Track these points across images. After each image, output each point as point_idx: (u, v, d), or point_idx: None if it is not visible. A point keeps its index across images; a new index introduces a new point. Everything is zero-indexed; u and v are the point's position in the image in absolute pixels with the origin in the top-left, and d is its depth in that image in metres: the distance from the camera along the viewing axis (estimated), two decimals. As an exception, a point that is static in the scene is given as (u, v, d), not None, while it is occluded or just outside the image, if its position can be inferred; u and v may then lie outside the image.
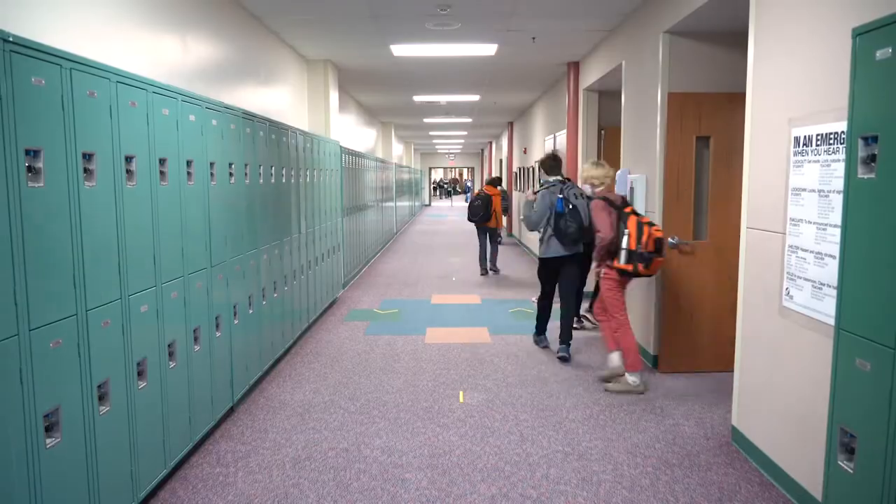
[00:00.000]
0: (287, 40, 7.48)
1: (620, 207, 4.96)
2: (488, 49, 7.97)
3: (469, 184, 37.50)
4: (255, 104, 6.37)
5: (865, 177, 2.32)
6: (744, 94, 3.92)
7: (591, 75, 7.95)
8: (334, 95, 8.98)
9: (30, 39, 2.32)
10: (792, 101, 3.35)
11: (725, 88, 5.13)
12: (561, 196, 5.69)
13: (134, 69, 3.73)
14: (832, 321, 2.69)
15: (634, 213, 4.97)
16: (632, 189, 5.90)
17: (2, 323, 2.18)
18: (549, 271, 5.95)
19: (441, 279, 10.37)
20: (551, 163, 6.06)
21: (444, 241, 16.43)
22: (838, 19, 2.93)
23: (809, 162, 3.14)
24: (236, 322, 4.43)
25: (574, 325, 6.26)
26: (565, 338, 5.78)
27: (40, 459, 2.36)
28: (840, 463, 2.44)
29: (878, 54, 2.22)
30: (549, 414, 4.50)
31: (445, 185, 48.81)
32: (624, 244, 4.82)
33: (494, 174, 23.32)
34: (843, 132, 2.85)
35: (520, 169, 15.64)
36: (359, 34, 7.19)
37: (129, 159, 3.01)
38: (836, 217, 2.87)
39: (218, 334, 4.10)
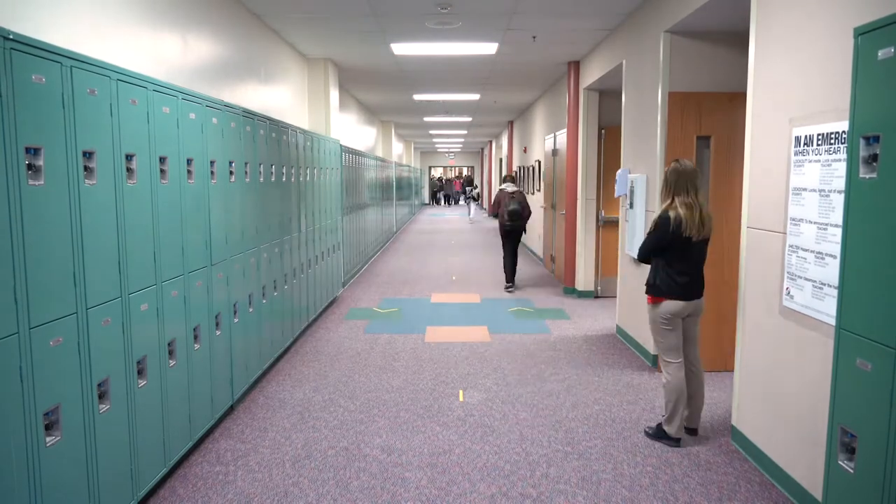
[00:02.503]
0: (287, 38, 7.47)
1: None
2: (489, 48, 7.96)
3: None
4: (256, 102, 6.37)
5: (867, 177, 2.32)
6: (744, 94, 3.92)
7: (592, 74, 7.95)
8: (334, 94, 8.97)
9: (30, 37, 2.32)
10: (793, 101, 3.35)
11: (726, 88, 5.13)
12: None
13: (134, 67, 3.73)
14: (833, 321, 2.69)
15: None
16: (632, 188, 5.90)
17: (2, 321, 2.18)
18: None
19: (441, 278, 10.37)
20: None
21: (444, 240, 16.42)
22: (840, 19, 2.93)
23: (810, 161, 3.14)
24: (236, 320, 4.43)
25: None
26: None
27: (40, 458, 2.36)
28: (840, 463, 2.44)
29: (880, 54, 2.22)
30: (549, 413, 4.50)
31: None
32: None
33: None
34: (843, 132, 2.85)
35: (520, 168, 15.64)
36: (359, 32, 7.18)
37: (129, 157, 3.01)
38: (837, 217, 2.87)
39: (218, 333, 4.10)
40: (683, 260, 3.86)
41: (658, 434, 4.01)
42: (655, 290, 3.93)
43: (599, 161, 8.46)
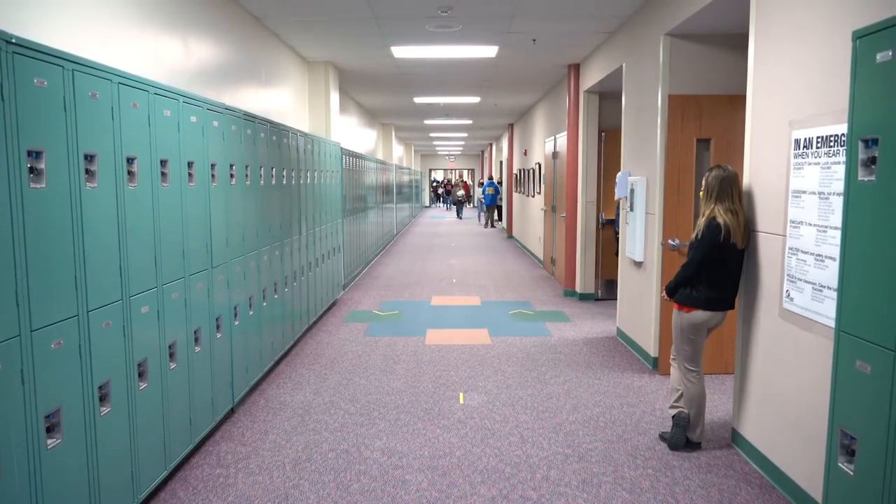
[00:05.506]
0: (288, 41, 7.49)
1: None
2: (489, 51, 7.97)
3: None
4: (256, 105, 6.38)
5: (866, 179, 2.32)
6: (744, 97, 3.92)
7: (592, 77, 7.96)
8: (335, 97, 8.98)
9: (32, 41, 2.33)
10: (792, 104, 3.35)
11: (726, 91, 5.14)
12: None
13: (136, 70, 3.74)
14: (832, 323, 2.69)
15: None
16: (632, 191, 5.91)
17: (3, 324, 2.18)
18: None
19: (441, 281, 10.37)
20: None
21: (444, 243, 16.43)
22: (839, 22, 2.94)
23: (810, 164, 3.14)
24: (237, 323, 4.44)
25: None
26: None
27: (41, 460, 2.36)
28: (840, 465, 2.44)
29: (879, 57, 2.23)
30: (550, 415, 4.50)
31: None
32: None
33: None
34: (843, 135, 2.85)
35: (520, 171, 15.65)
36: (359, 35, 7.20)
37: (130, 160, 3.01)
38: (837, 219, 2.87)
39: (218, 335, 4.10)
40: (722, 269, 3.73)
41: (677, 443, 3.91)
42: (691, 300, 3.78)
43: (599, 164, 8.47)
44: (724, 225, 3.65)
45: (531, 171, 13.50)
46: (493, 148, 25.31)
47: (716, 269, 3.74)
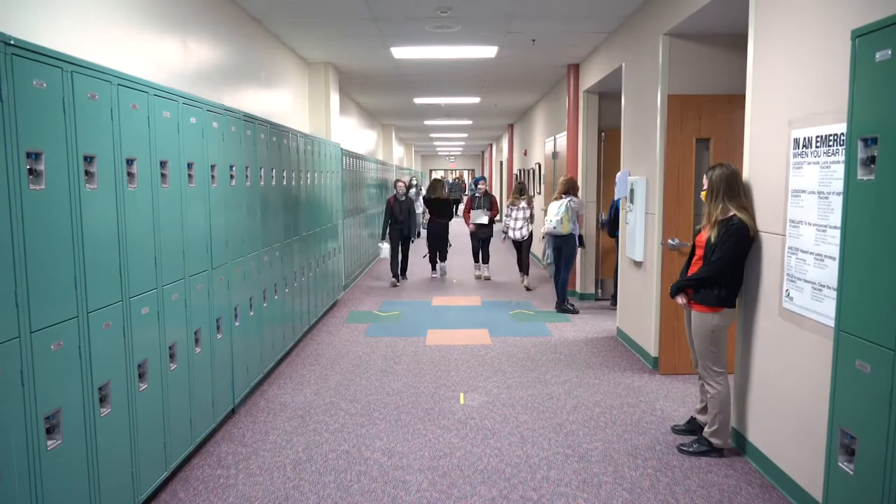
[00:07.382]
0: (287, 42, 7.49)
1: None
2: (488, 51, 7.97)
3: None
4: (256, 106, 6.38)
5: (865, 178, 2.32)
6: (743, 96, 3.92)
7: (592, 77, 7.96)
8: (335, 98, 8.98)
9: (31, 42, 2.33)
10: (792, 103, 3.35)
11: (725, 90, 5.14)
12: None
13: (135, 71, 3.74)
14: (832, 323, 2.69)
15: None
16: (632, 190, 5.91)
17: (3, 325, 2.19)
18: None
19: (442, 281, 10.37)
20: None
21: (445, 243, 16.39)
22: (838, 21, 2.94)
23: (809, 164, 3.14)
24: (237, 324, 4.44)
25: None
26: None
27: (41, 461, 2.36)
28: (841, 465, 2.44)
29: (878, 56, 2.23)
30: (550, 416, 4.50)
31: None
32: None
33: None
34: (842, 134, 2.85)
35: (520, 171, 15.64)
36: (359, 36, 7.20)
37: (130, 162, 3.02)
38: (836, 219, 2.87)
39: (219, 336, 4.10)
40: (741, 266, 3.77)
41: (702, 449, 3.85)
42: (719, 300, 3.73)
43: (599, 163, 8.46)
44: (747, 222, 3.67)
45: (531, 171, 13.49)
46: (494, 148, 25.31)
47: (739, 267, 3.78)
